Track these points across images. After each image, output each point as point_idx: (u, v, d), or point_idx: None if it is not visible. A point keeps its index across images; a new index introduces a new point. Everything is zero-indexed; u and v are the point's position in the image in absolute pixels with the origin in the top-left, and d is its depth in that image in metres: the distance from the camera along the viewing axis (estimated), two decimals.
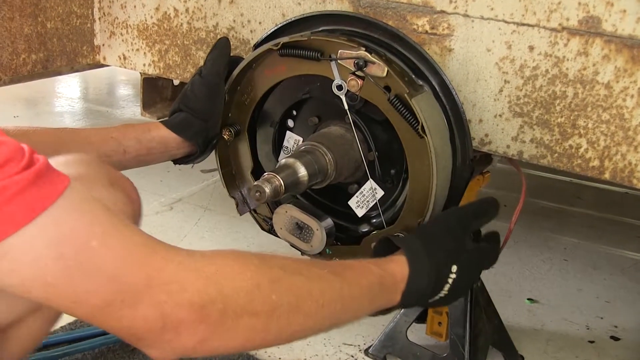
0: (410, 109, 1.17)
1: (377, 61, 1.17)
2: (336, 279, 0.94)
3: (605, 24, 1.11)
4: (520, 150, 1.26)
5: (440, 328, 1.66)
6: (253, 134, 1.46)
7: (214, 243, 2.30)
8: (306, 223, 1.30)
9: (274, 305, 0.84)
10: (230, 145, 1.46)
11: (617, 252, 2.35)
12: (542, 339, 1.82)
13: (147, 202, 2.61)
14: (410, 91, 1.17)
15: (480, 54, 1.24)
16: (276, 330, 0.85)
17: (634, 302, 2.03)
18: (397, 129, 1.22)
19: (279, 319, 0.85)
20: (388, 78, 1.18)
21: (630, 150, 1.14)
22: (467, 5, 1.23)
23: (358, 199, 1.35)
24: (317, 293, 0.89)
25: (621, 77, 1.12)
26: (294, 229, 1.32)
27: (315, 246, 1.30)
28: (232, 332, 0.81)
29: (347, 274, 0.97)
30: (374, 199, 1.32)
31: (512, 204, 1.48)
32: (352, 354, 1.71)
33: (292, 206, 1.32)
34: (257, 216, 1.47)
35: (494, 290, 1.81)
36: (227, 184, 1.47)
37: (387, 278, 1.03)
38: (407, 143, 1.22)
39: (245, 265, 0.84)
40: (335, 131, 1.31)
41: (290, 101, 1.40)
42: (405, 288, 1.05)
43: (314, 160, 1.23)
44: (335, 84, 1.23)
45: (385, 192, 1.33)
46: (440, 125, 1.24)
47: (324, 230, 1.30)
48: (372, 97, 1.21)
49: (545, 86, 1.20)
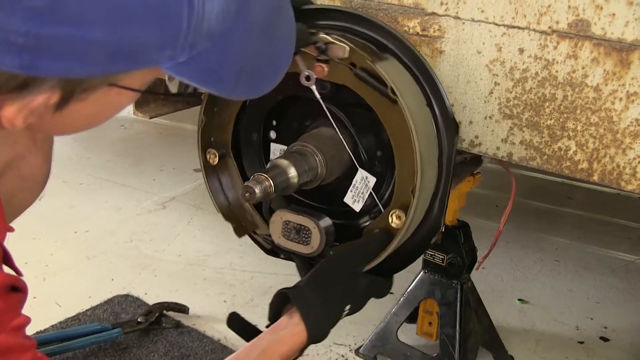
0: (377, 77, 1.16)
1: (337, 42, 1.17)
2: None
3: (595, 28, 1.12)
4: (510, 152, 1.27)
5: (431, 328, 1.66)
6: (239, 154, 1.45)
7: (206, 242, 2.31)
8: (302, 224, 1.29)
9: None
10: (218, 170, 1.43)
11: (608, 253, 2.36)
12: (532, 340, 1.83)
13: (140, 201, 2.61)
14: (374, 59, 1.17)
15: (470, 56, 1.25)
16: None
17: (624, 303, 2.04)
18: (372, 103, 1.20)
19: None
20: (352, 55, 1.17)
21: (618, 152, 1.15)
22: (458, 7, 1.23)
23: (353, 193, 1.34)
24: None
25: (610, 80, 1.13)
26: (292, 234, 1.30)
27: (315, 246, 1.29)
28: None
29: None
30: (367, 188, 1.31)
31: (503, 204, 1.48)
32: (342, 354, 1.71)
33: (286, 211, 1.31)
34: (257, 237, 1.45)
35: (485, 290, 1.82)
36: (222, 209, 1.45)
37: (287, 352, 1.14)
38: (383, 115, 1.20)
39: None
40: (325, 132, 1.31)
41: (266, 110, 1.39)
42: (306, 344, 1.16)
43: (303, 161, 1.23)
44: (303, 75, 1.21)
45: (378, 178, 1.31)
46: (412, 89, 1.23)
47: (321, 228, 1.28)
48: (341, 79, 1.21)
49: (535, 88, 1.20)
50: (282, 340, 1.14)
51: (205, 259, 2.21)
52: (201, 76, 0.72)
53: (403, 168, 1.22)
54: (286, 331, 1.15)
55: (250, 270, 2.12)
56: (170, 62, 0.69)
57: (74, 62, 0.64)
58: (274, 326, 1.17)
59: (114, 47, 0.64)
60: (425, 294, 1.61)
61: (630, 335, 1.87)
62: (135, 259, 2.19)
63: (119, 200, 2.62)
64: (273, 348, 1.13)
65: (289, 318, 1.16)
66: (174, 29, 0.66)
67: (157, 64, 0.69)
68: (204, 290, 2.02)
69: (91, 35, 0.62)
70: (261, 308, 1.93)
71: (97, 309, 1.87)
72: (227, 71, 0.74)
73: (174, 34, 0.66)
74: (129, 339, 1.74)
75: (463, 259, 1.55)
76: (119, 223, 2.43)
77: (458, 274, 1.56)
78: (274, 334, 1.15)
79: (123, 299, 1.92)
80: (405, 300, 1.64)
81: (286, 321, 1.16)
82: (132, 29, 0.63)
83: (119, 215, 2.49)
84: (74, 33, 0.61)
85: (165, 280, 2.07)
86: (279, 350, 1.13)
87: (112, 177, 2.81)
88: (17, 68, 0.63)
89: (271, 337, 1.15)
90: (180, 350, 1.71)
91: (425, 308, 1.66)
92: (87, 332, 1.68)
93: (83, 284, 1.97)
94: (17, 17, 0.59)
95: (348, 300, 1.20)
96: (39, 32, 0.60)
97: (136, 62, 0.67)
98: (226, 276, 2.11)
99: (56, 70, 0.64)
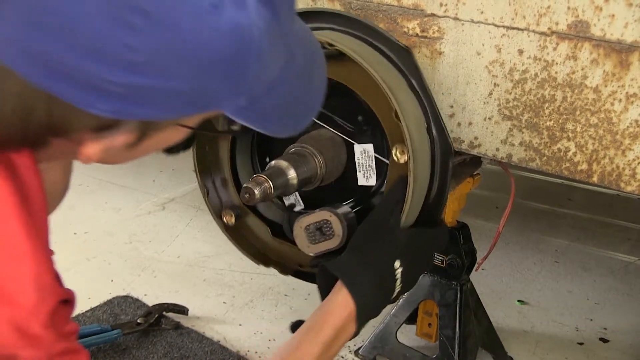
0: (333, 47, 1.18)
1: None
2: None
3: (594, 29, 1.12)
4: (510, 153, 1.27)
5: (430, 329, 1.66)
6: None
7: (205, 243, 2.31)
8: (320, 220, 1.26)
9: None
10: (238, 229, 1.45)
11: (608, 254, 2.36)
12: (532, 341, 1.83)
13: (139, 202, 2.61)
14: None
15: (470, 57, 1.25)
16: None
17: (623, 304, 2.04)
18: (338, 77, 1.22)
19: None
20: None
21: (617, 154, 1.15)
22: (458, 8, 1.23)
23: (361, 171, 1.32)
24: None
25: (609, 81, 1.13)
26: (317, 235, 1.26)
27: (340, 234, 1.23)
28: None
29: (301, 355, 1.07)
30: (370, 157, 1.30)
31: (502, 205, 1.48)
32: (342, 355, 1.71)
33: (301, 217, 1.27)
34: (303, 269, 1.43)
35: (484, 291, 1.82)
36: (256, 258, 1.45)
37: (336, 322, 1.10)
38: (338, 74, 1.21)
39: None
40: (325, 134, 1.31)
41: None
42: (356, 315, 1.11)
43: (303, 162, 1.23)
44: None
45: (374, 143, 1.30)
46: (368, 50, 1.25)
47: (339, 214, 1.24)
48: None
49: (534, 90, 1.20)
50: (328, 311, 1.10)
51: (204, 260, 2.21)
52: (255, 118, 0.82)
53: (379, 106, 1.22)
54: (331, 302, 1.11)
55: (249, 272, 2.12)
56: (232, 107, 0.78)
57: (157, 109, 0.72)
58: (322, 303, 1.13)
59: (192, 97, 0.72)
60: (424, 295, 1.61)
61: (629, 337, 1.87)
62: (134, 260, 2.18)
63: (119, 201, 2.62)
64: (321, 321, 1.10)
65: (334, 291, 1.13)
66: (242, 78, 0.74)
67: (221, 109, 0.77)
68: (203, 291, 2.02)
69: (175, 87, 0.70)
70: (260, 309, 1.94)
71: (97, 310, 1.87)
72: (277, 113, 0.84)
73: (241, 84, 0.75)
74: (128, 340, 1.74)
75: (462, 260, 1.55)
76: (118, 224, 2.43)
77: (457, 275, 1.56)
78: (321, 308, 1.12)
79: (122, 300, 1.92)
80: (405, 301, 1.64)
81: (331, 294, 1.13)
82: (210, 82, 0.72)
83: (118, 217, 2.49)
84: (161, 85, 0.69)
85: (164, 281, 2.07)
86: (327, 321, 1.09)
87: (112, 178, 2.81)
88: (107, 112, 0.70)
89: (318, 312, 1.11)
90: (180, 352, 1.71)
91: (425, 309, 1.66)
92: (86, 333, 1.68)
93: (82, 285, 1.96)
94: (116, 70, 0.66)
95: (391, 257, 1.15)
96: (133, 83, 0.68)
97: (206, 108, 0.76)
98: (226, 277, 2.11)
99: (140, 115, 0.72)
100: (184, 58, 0.68)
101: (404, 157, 1.20)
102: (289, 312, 1.93)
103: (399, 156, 1.21)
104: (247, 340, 1.79)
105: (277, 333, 1.82)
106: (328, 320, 1.09)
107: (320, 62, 0.92)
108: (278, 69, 0.79)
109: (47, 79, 0.67)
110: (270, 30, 0.74)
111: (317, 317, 1.11)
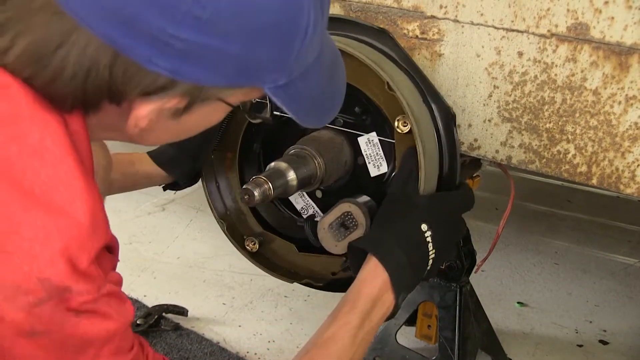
0: None
1: None
2: (338, 344, 1.03)
3: (594, 31, 1.12)
4: (509, 155, 1.27)
5: (430, 331, 1.66)
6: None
7: (205, 244, 2.31)
8: (341, 214, 1.24)
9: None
10: (262, 253, 1.46)
11: (608, 256, 2.36)
12: (531, 343, 1.82)
13: (139, 203, 2.61)
14: None
15: (470, 59, 1.25)
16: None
17: (623, 306, 2.04)
18: None
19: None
20: None
21: (617, 156, 1.15)
22: (457, 10, 1.23)
23: (371, 162, 1.32)
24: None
25: (609, 83, 1.13)
26: (341, 230, 1.25)
27: (364, 222, 1.23)
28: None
29: (338, 327, 1.04)
30: (377, 145, 1.30)
31: (502, 207, 1.48)
32: None
33: (321, 218, 1.27)
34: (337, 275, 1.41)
35: (484, 293, 1.82)
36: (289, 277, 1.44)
37: (372, 291, 1.07)
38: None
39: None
40: (325, 135, 1.31)
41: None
42: (392, 283, 1.07)
43: (302, 164, 1.23)
44: None
45: (376, 131, 1.30)
46: (345, 40, 1.25)
47: (358, 203, 1.23)
48: None
49: (534, 92, 1.20)
50: (362, 281, 1.08)
51: (204, 261, 2.21)
52: (287, 100, 0.84)
53: (370, 86, 1.22)
54: (363, 273, 1.09)
55: (249, 273, 2.12)
56: (273, 84, 0.80)
57: (210, 71, 0.74)
58: (358, 280, 1.11)
59: (243, 63, 0.75)
60: (424, 296, 1.61)
61: (629, 339, 1.87)
62: (134, 261, 2.18)
63: (118, 202, 2.62)
64: (355, 291, 1.07)
65: (365, 264, 1.10)
66: (288, 52, 0.77)
67: (263, 84, 0.80)
68: (203, 292, 2.02)
69: (231, 49, 0.73)
70: (260, 310, 1.94)
71: None
72: (306, 100, 0.87)
73: (287, 58, 0.78)
74: None
75: (462, 262, 1.54)
76: (118, 225, 2.43)
77: (457, 277, 1.55)
78: (354, 283, 1.10)
79: None
80: (404, 302, 1.64)
81: (362, 267, 1.11)
82: (262, 48, 0.75)
83: (118, 218, 2.48)
84: (219, 45, 0.72)
85: (164, 282, 2.07)
86: (362, 291, 1.07)
87: None
88: (166, 70, 0.72)
89: (352, 287, 1.09)
90: (179, 353, 1.71)
91: (424, 311, 1.65)
92: None
93: None
94: (182, 24, 0.69)
95: (415, 221, 1.12)
96: (195, 40, 0.70)
97: (252, 80, 0.78)
98: (225, 278, 2.11)
99: (194, 77, 0.74)
100: (244, 17, 0.71)
101: (407, 127, 1.20)
102: (289, 313, 1.93)
103: (402, 128, 1.21)
104: (247, 342, 1.79)
105: (277, 334, 1.82)
106: (362, 290, 1.07)
107: (341, 67, 0.95)
108: (312, 58, 0.82)
109: (117, 32, 0.70)
110: (316, 18, 0.78)
111: (351, 291, 1.09)
